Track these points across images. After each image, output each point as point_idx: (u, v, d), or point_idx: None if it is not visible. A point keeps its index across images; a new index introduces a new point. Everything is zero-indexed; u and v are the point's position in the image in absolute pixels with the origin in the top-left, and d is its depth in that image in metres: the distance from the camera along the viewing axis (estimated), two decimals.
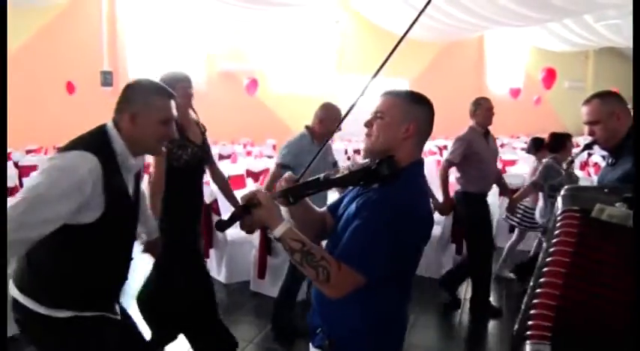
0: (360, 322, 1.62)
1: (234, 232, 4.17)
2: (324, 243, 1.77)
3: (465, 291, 4.64)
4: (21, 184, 7.16)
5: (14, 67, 11.84)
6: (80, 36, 12.58)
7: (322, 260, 1.49)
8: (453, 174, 4.27)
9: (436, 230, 4.91)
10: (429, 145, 11.86)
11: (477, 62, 19.69)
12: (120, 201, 1.88)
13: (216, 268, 4.83)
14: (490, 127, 4.20)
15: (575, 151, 4.42)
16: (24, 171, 8.18)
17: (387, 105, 1.64)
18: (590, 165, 8.96)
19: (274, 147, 12.77)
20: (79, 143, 1.81)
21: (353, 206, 1.63)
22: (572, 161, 3.36)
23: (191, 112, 3.13)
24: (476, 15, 13.35)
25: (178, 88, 2.94)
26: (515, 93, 17.14)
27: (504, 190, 4.63)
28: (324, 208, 1.84)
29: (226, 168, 6.50)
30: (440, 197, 4.23)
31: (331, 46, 15.96)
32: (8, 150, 10.03)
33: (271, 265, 4.39)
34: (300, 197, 1.65)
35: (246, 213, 1.55)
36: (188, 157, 2.97)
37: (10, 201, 1.66)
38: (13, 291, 1.88)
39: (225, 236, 4.63)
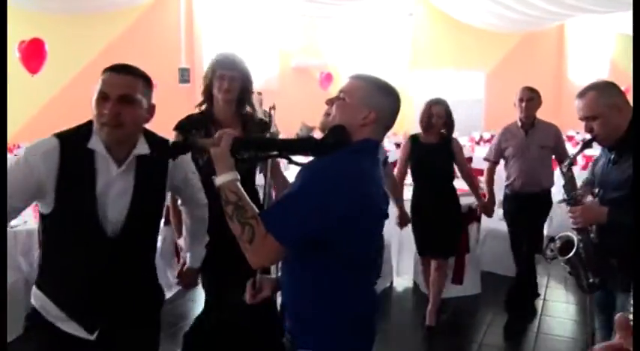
0: (302, 309, 1.57)
1: None
2: None
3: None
4: None
5: (100, 67, 12.35)
6: (159, 35, 13.06)
7: (252, 219, 1.44)
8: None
9: None
10: None
11: (558, 53, 18.72)
12: (77, 192, 1.70)
13: None
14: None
15: (571, 151, 3.98)
16: None
17: (352, 87, 1.61)
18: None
19: None
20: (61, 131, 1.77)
21: None
22: (572, 163, 2.64)
23: (249, 106, 2.67)
24: (558, 3, 12.73)
25: (217, 76, 2.48)
26: None
27: None
28: None
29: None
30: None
31: (404, 39, 15.70)
32: None
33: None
34: (243, 149, 1.52)
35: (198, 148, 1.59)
36: (202, 164, 2.33)
37: None
38: None
39: None
